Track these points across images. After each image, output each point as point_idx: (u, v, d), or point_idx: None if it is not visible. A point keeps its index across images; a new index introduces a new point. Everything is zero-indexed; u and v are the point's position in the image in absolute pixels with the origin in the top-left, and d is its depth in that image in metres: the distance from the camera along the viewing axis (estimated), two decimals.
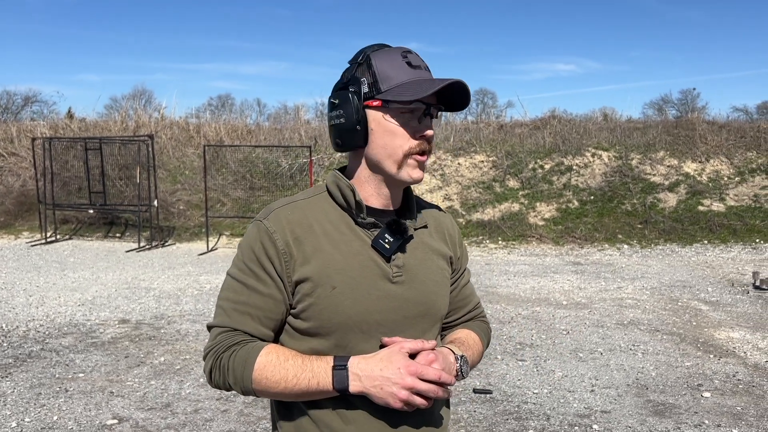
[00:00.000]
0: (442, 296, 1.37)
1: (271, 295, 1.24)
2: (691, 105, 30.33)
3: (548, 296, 7.64)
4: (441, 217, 1.45)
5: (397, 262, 1.29)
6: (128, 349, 5.44)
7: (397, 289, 1.28)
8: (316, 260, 1.24)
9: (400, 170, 1.26)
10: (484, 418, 4.03)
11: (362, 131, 1.26)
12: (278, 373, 1.19)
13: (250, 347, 1.22)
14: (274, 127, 16.81)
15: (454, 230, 1.47)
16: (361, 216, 1.27)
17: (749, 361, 5.21)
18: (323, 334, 1.25)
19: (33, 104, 30.03)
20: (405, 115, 1.24)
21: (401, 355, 1.18)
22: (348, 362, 1.18)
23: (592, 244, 11.56)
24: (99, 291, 7.79)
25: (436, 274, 1.36)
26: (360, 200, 1.27)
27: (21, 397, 4.31)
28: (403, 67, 1.24)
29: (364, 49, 1.29)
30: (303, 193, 1.35)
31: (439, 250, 1.39)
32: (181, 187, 13.55)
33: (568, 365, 5.08)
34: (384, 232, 1.27)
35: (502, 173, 13.55)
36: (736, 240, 11.53)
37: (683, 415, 4.10)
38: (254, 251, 1.25)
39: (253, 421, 3.95)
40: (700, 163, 13.58)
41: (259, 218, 1.28)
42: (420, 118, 1.26)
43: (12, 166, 14.34)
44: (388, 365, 1.16)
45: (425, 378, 1.16)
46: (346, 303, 1.23)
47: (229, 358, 1.22)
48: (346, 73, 1.29)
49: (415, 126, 1.25)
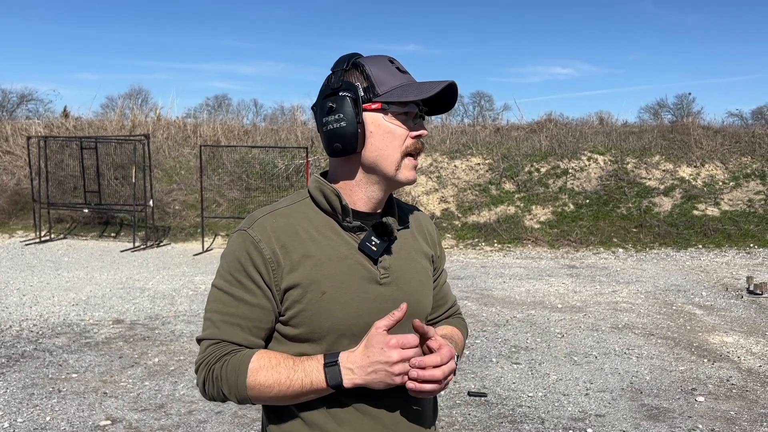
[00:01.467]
0: (426, 295, 1.40)
1: (260, 304, 1.24)
2: (686, 109, 30.44)
3: (543, 299, 7.65)
4: (420, 217, 1.49)
5: (384, 264, 1.31)
6: (122, 350, 5.42)
7: (384, 291, 1.30)
8: (304, 266, 1.24)
9: (398, 171, 1.29)
10: (478, 421, 4.03)
11: (362, 134, 1.27)
12: (271, 376, 1.19)
13: (242, 355, 1.22)
14: (270, 127, 16.80)
15: (433, 230, 1.51)
16: (347, 220, 1.28)
17: (743, 365, 5.23)
18: (314, 339, 1.25)
19: (28, 103, 29.92)
20: (401, 117, 1.28)
21: (380, 336, 1.17)
22: (338, 357, 1.18)
23: (588, 247, 11.59)
24: (93, 291, 7.76)
25: (420, 274, 1.38)
26: (346, 204, 1.28)
27: (14, 398, 4.29)
28: (394, 72, 1.29)
29: (346, 57, 1.31)
30: (285, 200, 1.35)
31: (422, 249, 1.42)
32: (176, 187, 13.52)
33: (563, 369, 5.09)
34: (370, 234, 1.28)
35: (498, 176, 13.57)
36: (731, 244, 11.57)
37: (677, 419, 4.11)
38: (240, 261, 1.24)
39: (247, 423, 3.94)
40: (695, 167, 13.63)
41: (243, 227, 1.27)
42: (415, 120, 1.30)
43: (7, 165, 14.29)
44: (371, 349, 1.16)
45: (408, 345, 1.16)
46: (336, 307, 1.24)
47: (222, 368, 1.22)
48: (334, 79, 1.29)
49: (410, 126, 1.29)
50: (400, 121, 1.28)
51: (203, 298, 7.39)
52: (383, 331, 1.18)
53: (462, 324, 1.58)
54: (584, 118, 16.65)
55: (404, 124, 1.28)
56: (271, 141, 14.91)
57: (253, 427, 3.88)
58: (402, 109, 1.27)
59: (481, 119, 18.83)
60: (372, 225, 1.29)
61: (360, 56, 1.31)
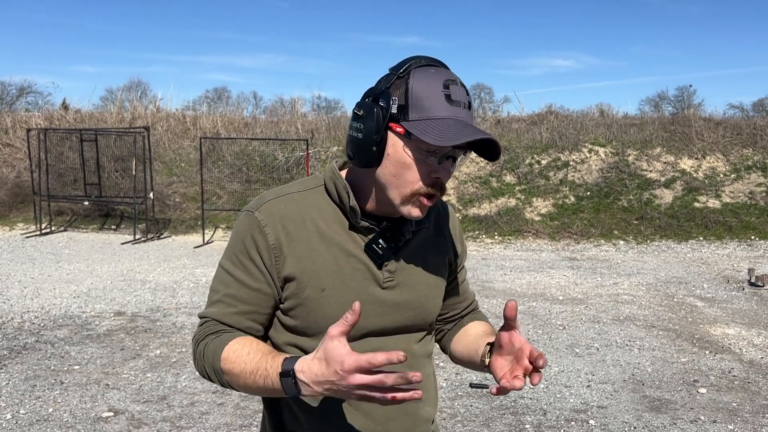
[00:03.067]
0: (434, 298, 1.33)
1: (260, 289, 1.21)
2: (687, 102, 30.36)
3: (544, 291, 7.65)
4: (441, 211, 1.40)
5: (390, 267, 1.25)
6: (124, 342, 5.42)
7: (387, 295, 1.25)
8: (307, 260, 1.20)
9: (402, 206, 1.19)
10: (480, 412, 4.03)
11: (378, 152, 1.16)
12: (238, 366, 1.13)
13: (223, 338, 1.18)
14: (270, 119, 16.75)
15: (455, 226, 1.42)
16: (357, 220, 1.22)
17: (744, 357, 5.23)
18: (309, 334, 1.22)
19: (28, 95, 29.84)
20: (425, 153, 1.14)
21: (336, 350, 1.00)
22: (294, 367, 1.05)
23: (588, 239, 11.58)
24: (94, 283, 7.76)
25: (429, 276, 1.32)
26: (354, 205, 1.21)
27: (16, 389, 4.29)
28: (440, 99, 1.13)
29: (411, 60, 1.18)
30: (298, 184, 1.28)
31: (438, 247, 1.35)
32: (177, 180, 13.50)
33: (565, 360, 5.09)
34: (378, 237, 1.23)
35: (499, 168, 13.55)
36: (732, 237, 11.56)
37: (679, 410, 4.11)
38: (245, 243, 1.21)
39: (250, 415, 3.94)
40: (696, 159, 13.60)
41: (251, 208, 1.23)
42: (441, 159, 1.16)
43: (6, 157, 14.26)
44: (327, 367, 1.01)
45: (372, 366, 0.98)
46: (333, 306, 1.20)
47: (205, 347, 1.19)
48: (383, 82, 1.18)
49: (432, 165, 1.15)
50: (423, 156, 1.14)
51: (204, 290, 7.39)
52: (340, 340, 1.00)
53: (483, 317, 1.53)
54: (585, 110, 16.56)
55: (425, 160, 1.15)
56: (271, 133, 14.87)
57: (255, 419, 3.88)
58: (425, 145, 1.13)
59: (482, 111, 18.79)
60: (381, 228, 1.23)
61: (423, 64, 1.17)
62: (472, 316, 1.50)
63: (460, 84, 1.17)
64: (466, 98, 1.16)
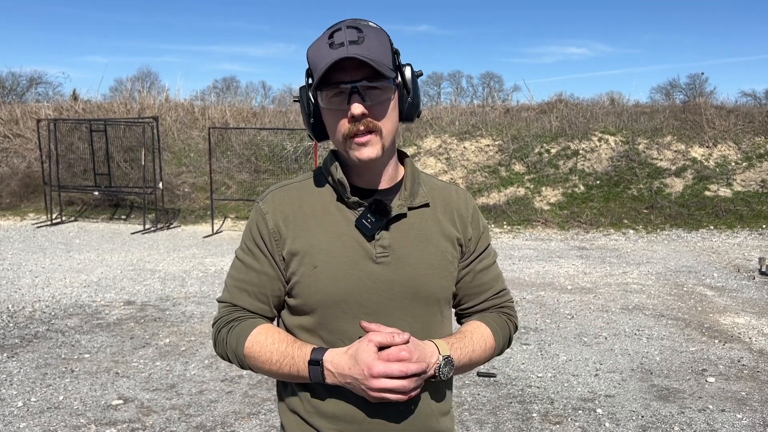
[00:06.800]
0: (437, 279, 1.31)
1: (265, 272, 1.31)
2: (699, 89, 30.06)
3: (553, 281, 7.63)
4: (452, 196, 1.39)
5: (383, 243, 1.28)
6: (133, 331, 5.46)
7: (380, 270, 1.27)
8: (302, 240, 1.28)
9: (348, 155, 1.25)
10: (488, 401, 4.04)
11: (316, 124, 1.30)
12: (264, 354, 1.25)
13: (246, 324, 1.30)
14: (279, 109, 16.74)
15: (467, 210, 1.38)
16: (346, 195, 1.29)
17: (754, 346, 5.20)
18: (307, 312, 1.29)
19: (38, 86, 29.95)
20: (335, 99, 1.21)
21: (369, 352, 1.15)
22: (323, 357, 1.20)
23: (598, 228, 11.53)
24: (104, 272, 7.81)
25: (432, 256, 1.31)
26: (341, 178, 1.28)
27: (27, 377, 4.34)
28: (325, 50, 1.18)
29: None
30: (303, 175, 1.40)
31: (443, 230, 1.34)
32: (186, 170, 13.54)
33: (573, 349, 5.08)
34: (366, 211, 1.27)
35: (508, 157, 13.48)
36: (743, 225, 11.47)
37: (687, 399, 4.10)
38: (251, 231, 1.33)
39: (258, 402, 3.97)
40: (707, 148, 13.48)
41: (258, 200, 1.36)
42: (348, 100, 1.20)
43: (17, 148, 14.35)
44: (355, 365, 1.16)
45: (392, 376, 1.14)
46: (324, 282, 1.26)
47: (228, 333, 1.31)
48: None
49: (343, 107, 1.21)
50: (335, 103, 1.21)
51: (213, 280, 7.43)
52: (374, 349, 1.16)
53: (500, 322, 1.41)
54: (595, 98, 16.45)
55: (340, 105, 1.21)
56: (279, 123, 14.86)
57: (264, 407, 3.91)
58: (332, 91, 1.20)
59: (491, 100, 18.68)
60: (368, 202, 1.28)
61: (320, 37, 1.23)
62: (482, 315, 1.42)
63: (351, 27, 1.19)
64: (355, 35, 1.17)
